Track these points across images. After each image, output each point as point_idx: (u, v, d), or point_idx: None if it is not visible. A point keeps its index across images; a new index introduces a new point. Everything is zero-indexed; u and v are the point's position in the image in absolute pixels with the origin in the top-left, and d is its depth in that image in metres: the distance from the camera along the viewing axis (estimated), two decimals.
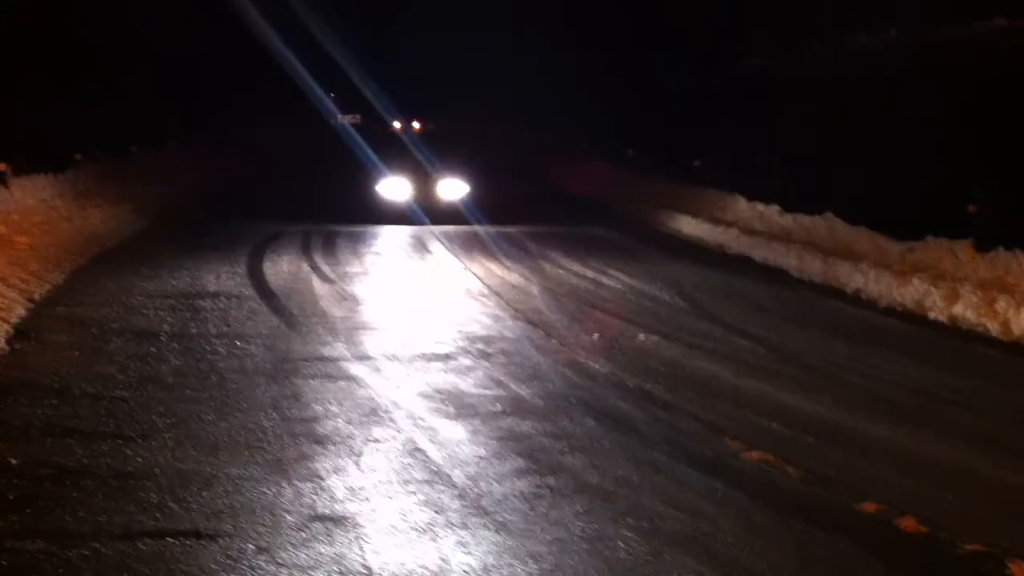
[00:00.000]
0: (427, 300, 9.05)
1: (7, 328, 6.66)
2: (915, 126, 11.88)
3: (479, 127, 28.72)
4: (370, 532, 3.89)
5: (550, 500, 4.29)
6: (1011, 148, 10.51)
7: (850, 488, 4.59)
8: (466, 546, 3.81)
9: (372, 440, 4.97)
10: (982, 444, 5.39)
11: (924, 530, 4.16)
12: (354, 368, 6.35)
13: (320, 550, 3.71)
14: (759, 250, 12.61)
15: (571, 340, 7.41)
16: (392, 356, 6.69)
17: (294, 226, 13.26)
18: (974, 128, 11.10)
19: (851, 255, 11.04)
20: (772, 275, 11.44)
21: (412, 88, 33.77)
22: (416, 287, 9.80)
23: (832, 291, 10.39)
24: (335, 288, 9.16)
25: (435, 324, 7.84)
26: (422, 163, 15.29)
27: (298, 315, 7.85)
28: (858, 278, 10.35)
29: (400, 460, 4.72)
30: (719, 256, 12.89)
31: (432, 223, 14.21)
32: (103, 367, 6.03)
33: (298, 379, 6.02)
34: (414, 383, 6.07)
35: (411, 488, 4.37)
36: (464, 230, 13.86)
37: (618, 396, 5.98)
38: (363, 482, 4.41)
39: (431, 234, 13.42)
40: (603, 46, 23.70)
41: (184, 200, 15.79)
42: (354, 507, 4.13)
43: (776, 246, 12.37)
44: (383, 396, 5.75)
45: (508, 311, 8.42)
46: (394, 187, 14.96)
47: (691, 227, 14.86)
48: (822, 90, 14.50)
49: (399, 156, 15.53)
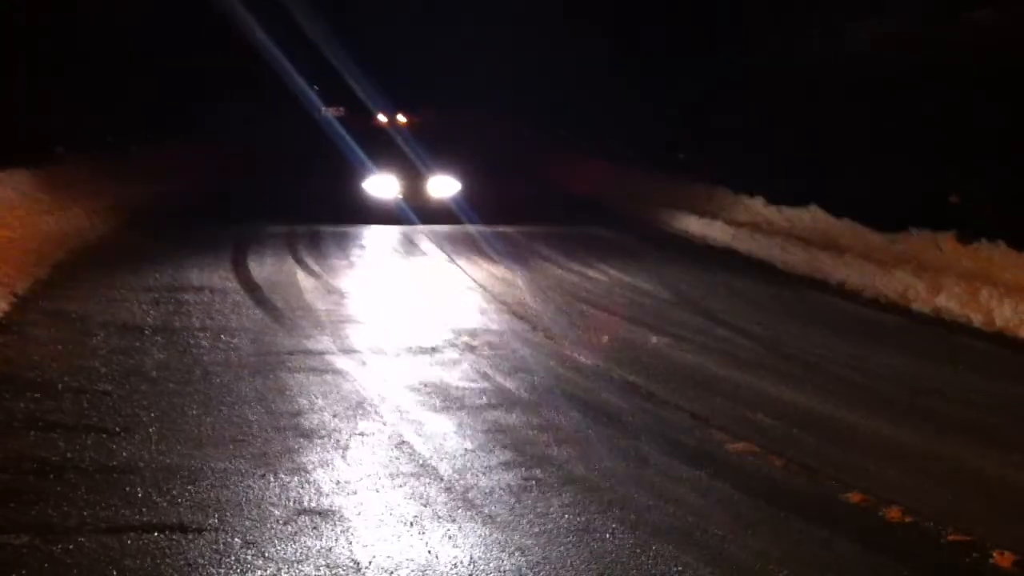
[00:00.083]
0: (415, 296, 9.02)
1: None
2: (901, 119, 11.94)
3: (473, 122, 28.35)
4: (357, 525, 3.89)
5: (537, 492, 4.30)
6: (995, 140, 10.60)
7: (835, 478, 4.62)
8: (453, 539, 3.81)
9: (358, 433, 4.97)
10: (966, 434, 5.44)
11: (909, 520, 4.19)
12: (340, 362, 6.33)
13: (307, 544, 3.71)
14: (745, 243, 12.64)
15: (557, 334, 7.42)
16: (378, 350, 6.68)
17: (276, 227, 12.56)
18: (959, 120, 11.18)
19: (834, 247, 11.09)
20: (762, 268, 11.47)
21: (399, 79, 33.49)
22: (405, 285, 9.77)
23: (817, 283, 10.42)
24: (321, 282, 9.12)
25: (421, 318, 7.82)
26: (411, 159, 14.57)
27: (283, 308, 7.82)
28: (842, 269, 10.41)
29: (387, 453, 4.72)
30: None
31: (422, 222, 13.59)
32: (86, 361, 5.99)
33: (283, 372, 6.00)
34: (400, 376, 6.06)
35: (398, 481, 4.36)
36: (456, 229, 13.27)
37: (605, 388, 5.99)
38: (350, 475, 4.40)
39: (420, 234, 12.82)
40: (603, 46, 23.62)
41: (169, 199, 15.47)
42: (341, 500, 4.12)
43: (760, 238, 12.42)
44: (369, 389, 5.74)
45: (494, 304, 8.42)
46: (381, 184, 14.25)
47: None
48: (809, 84, 14.55)
49: (386, 151, 14.82)
